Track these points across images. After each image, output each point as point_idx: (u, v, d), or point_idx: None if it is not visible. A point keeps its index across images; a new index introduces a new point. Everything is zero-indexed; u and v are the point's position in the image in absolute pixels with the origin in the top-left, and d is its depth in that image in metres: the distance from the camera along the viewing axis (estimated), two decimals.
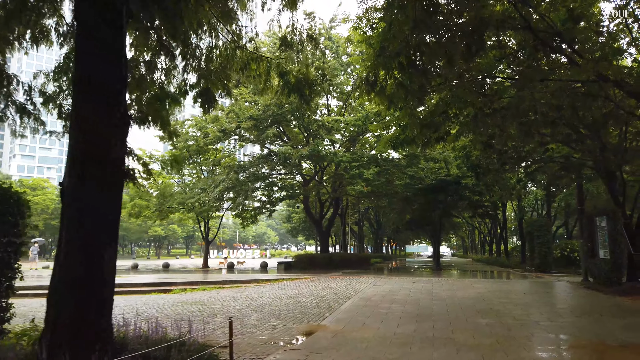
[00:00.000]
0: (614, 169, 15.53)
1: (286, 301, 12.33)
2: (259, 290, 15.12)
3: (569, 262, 28.18)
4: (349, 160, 22.30)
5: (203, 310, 10.80)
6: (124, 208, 30.10)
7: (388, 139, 10.54)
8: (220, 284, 17.54)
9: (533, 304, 11.47)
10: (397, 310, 10.49)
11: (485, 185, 17.37)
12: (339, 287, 15.92)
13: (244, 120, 21.40)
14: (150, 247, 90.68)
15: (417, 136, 9.58)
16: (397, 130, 9.67)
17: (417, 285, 16.40)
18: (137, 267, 30.06)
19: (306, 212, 29.62)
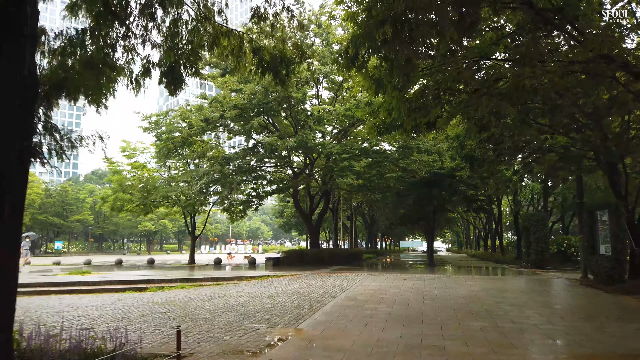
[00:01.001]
0: (616, 161, 14.70)
1: (265, 301, 11.44)
2: (240, 289, 14.22)
3: (565, 258, 27.46)
4: (338, 151, 21.36)
5: (172, 312, 9.89)
6: (105, 202, 29.12)
7: (374, 123, 9.61)
8: (201, 282, 16.63)
9: (531, 304, 10.63)
10: (384, 311, 9.62)
11: (481, 178, 16.55)
12: (326, 284, 15.04)
13: (228, 110, 20.39)
14: (143, 242, 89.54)
15: (406, 121, 8.68)
16: (383, 114, 8.77)
17: (407, 282, 15.55)
18: (121, 263, 29.06)
19: (295, 207, 28.69)
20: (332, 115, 23.54)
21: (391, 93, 7.86)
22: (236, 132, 24.66)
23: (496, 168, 15.34)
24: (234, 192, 22.18)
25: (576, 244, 27.27)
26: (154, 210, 28.49)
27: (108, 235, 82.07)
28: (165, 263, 31.79)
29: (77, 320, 8.94)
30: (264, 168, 27.42)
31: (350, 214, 42.11)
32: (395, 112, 7.93)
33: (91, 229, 76.43)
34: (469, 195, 27.15)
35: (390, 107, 8.36)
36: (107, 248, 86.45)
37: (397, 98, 7.73)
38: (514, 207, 30.94)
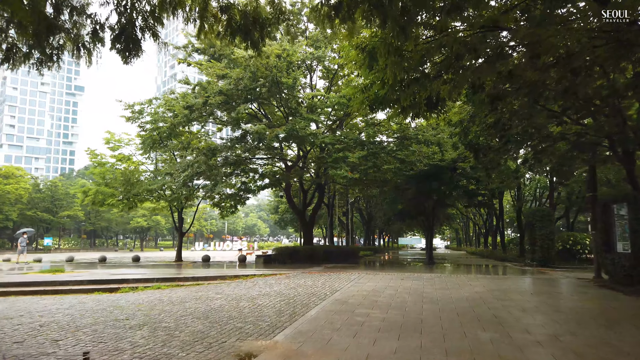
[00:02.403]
0: (636, 148, 13.36)
1: (244, 305, 10.10)
2: (220, 290, 12.88)
3: (570, 255, 26.19)
4: (331, 141, 19.99)
5: (132, 319, 8.54)
6: (87, 195, 27.71)
7: (365, 96, 8.21)
8: (180, 282, 15.29)
9: (544, 309, 9.30)
10: (377, 318, 8.29)
11: (485, 169, 15.25)
12: (315, 285, 13.72)
13: (212, 96, 18.99)
14: (136, 239, 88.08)
15: (403, 96, 7.35)
16: (376, 86, 7.41)
17: (405, 283, 14.22)
18: (105, 261, 27.69)
19: (288, 202, 27.32)
20: (326, 105, 22.14)
21: (386, 58, 6.50)
22: (224, 123, 23.23)
23: (502, 157, 14.01)
24: (220, 185, 20.78)
25: (583, 240, 25.99)
26: (138, 205, 27.09)
27: (101, 231, 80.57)
28: (152, 261, 30.43)
29: (13, 331, 7.59)
30: (255, 161, 26.05)
31: (346, 210, 40.73)
32: (389, 77, 6.56)
33: (83, 225, 74.96)
34: (471, 190, 25.79)
35: (384, 76, 6.99)
36: (100, 244, 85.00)
37: (393, 62, 6.37)
38: (517, 202, 29.60)
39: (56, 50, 7.86)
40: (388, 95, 7.69)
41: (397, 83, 7.11)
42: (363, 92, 8.53)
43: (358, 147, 20.92)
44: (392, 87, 7.35)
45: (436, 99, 10.03)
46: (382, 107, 8.15)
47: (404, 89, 7.34)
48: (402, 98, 7.55)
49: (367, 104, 8.10)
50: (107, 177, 26.43)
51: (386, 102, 7.96)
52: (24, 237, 27.66)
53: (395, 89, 7.38)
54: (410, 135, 21.85)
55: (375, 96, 7.84)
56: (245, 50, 7.57)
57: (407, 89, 7.29)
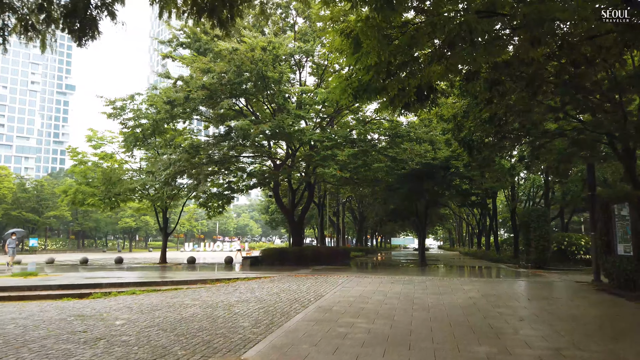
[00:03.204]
0: (637, 146, 12.70)
1: (219, 313, 9.29)
2: (197, 296, 12.06)
3: (564, 256, 25.61)
4: (320, 139, 19.19)
5: (92, 330, 7.72)
6: (66, 195, 26.73)
7: (347, 83, 7.37)
8: (157, 286, 14.43)
9: (544, 317, 8.58)
10: (362, 329, 7.52)
11: (479, 167, 14.55)
12: (300, 289, 12.92)
13: (194, 90, 18.12)
14: (126, 239, 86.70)
15: (390, 84, 6.58)
16: (360, 71, 6.61)
17: (395, 287, 13.46)
18: (87, 263, 26.71)
19: (276, 201, 26.48)
20: (315, 101, 21.32)
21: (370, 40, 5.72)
22: (210, 120, 22.32)
23: (498, 155, 13.31)
24: (203, 184, 19.91)
25: (578, 241, 25.40)
26: (121, 204, 26.15)
27: (89, 231, 79.16)
28: (136, 262, 29.47)
29: None
30: (242, 159, 25.20)
31: (336, 209, 39.94)
32: (372, 58, 5.80)
33: (71, 225, 73.57)
34: (464, 190, 25.12)
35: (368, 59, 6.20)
36: (89, 245, 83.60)
37: (377, 41, 5.59)
38: (511, 203, 28.97)
39: (1, 31, 7.01)
40: (373, 82, 6.89)
41: (382, 67, 6.34)
42: (347, 80, 7.73)
43: (348, 145, 20.13)
44: (377, 73, 6.56)
45: (427, 91, 9.29)
46: (367, 95, 7.35)
47: (390, 76, 6.57)
48: (389, 86, 6.77)
49: (350, 92, 7.29)
50: (89, 176, 25.47)
51: (371, 91, 7.16)
52: (12, 238, 26.30)
53: (381, 75, 6.60)
54: (401, 133, 21.10)
55: (359, 83, 7.03)
56: (211, 29, 6.87)
57: (394, 75, 6.52)
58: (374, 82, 6.89)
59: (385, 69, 6.42)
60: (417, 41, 6.06)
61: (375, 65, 6.31)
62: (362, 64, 6.44)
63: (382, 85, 7.00)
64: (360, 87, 7.09)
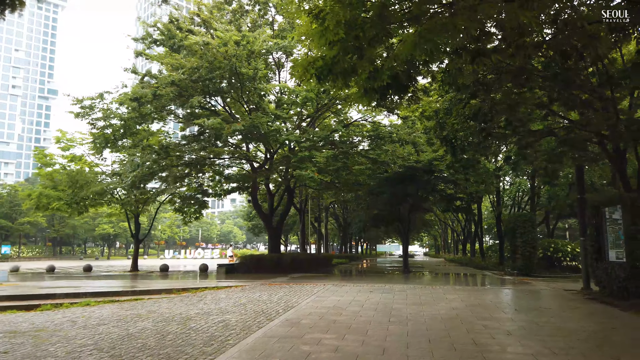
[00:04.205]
0: (628, 146, 12.00)
1: (172, 328, 8.23)
2: (156, 307, 10.96)
3: (550, 263, 25.00)
4: (297, 139, 18.24)
5: (16, 350, 6.67)
6: (30, 199, 25.33)
7: (309, 62, 6.38)
8: (117, 296, 13.29)
9: (534, 331, 7.70)
10: (329, 347, 6.56)
11: (463, 167, 13.75)
12: (270, 300, 11.90)
13: (161, 87, 17.03)
14: (105, 246, 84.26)
15: (359, 63, 5.69)
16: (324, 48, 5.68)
17: (374, 296, 12.52)
18: (54, 270, 25.28)
19: (254, 206, 25.40)
20: (294, 101, 20.35)
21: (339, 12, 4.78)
22: (179, 119, 21.16)
23: (483, 154, 12.51)
24: (171, 187, 18.78)
25: (564, 248, 24.82)
26: (90, 209, 24.82)
27: (67, 238, 76.73)
28: (106, 270, 28.06)
29: None
30: (219, 162, 24.12)
31: (317, 215, 38.94)
32: (331, 24, 4.91)
33: (49, 232, 71.22)
34: (448, 194, 24.35)
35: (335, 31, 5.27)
36: (67, 252, 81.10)
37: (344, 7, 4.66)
38: (496, 208, 28.31)
39: None
40: (339, 62, 5.96)
41: (349, 42, 5.44)
42: (310, 60, 6.74)
43: (327, 147, 19.20)
44: (344, 50, 5.64)
45: (406, 80, 8.42)
46: (333, 77, 6.39)
47: (360, 53, 5.66)
48: (359, 67, 5.87)
49: (313, 73, 6.34)
50: (57, 179, 24.13)
51: (338, 72, 6.22)
52: None
53: (349, 55, 5.68)
54: (383, 134, 20.26)
55: (323, 62, 6.10)
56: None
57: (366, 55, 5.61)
58: (341, 61, 5.96)
59: (352, 43, 5.50)
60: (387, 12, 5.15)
61: (341, 41, 5.41)
62: (326, 39, 5.53)
63: (351, 66, 6.09)
64: (325, 67, 6.14)
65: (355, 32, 5.35)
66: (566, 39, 9.19)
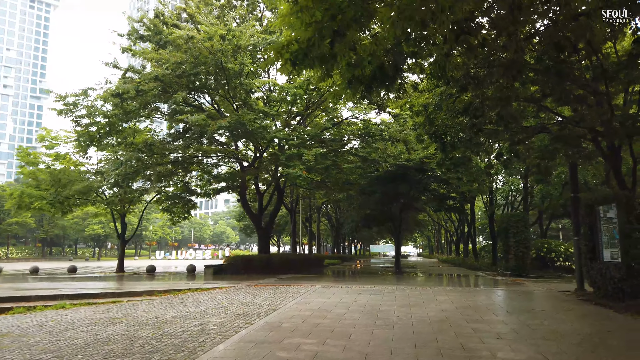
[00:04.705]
0: (622, 142, 11.66)
1: (143, 333, 7.76)
2: (132, 310, 10.47)
3: (543, 264, 24.71)
4: (285, 137, 17.79)
5: None
6: (11, 198, 24.71)
7: (282, 44, 5.86)
8: (95, 298, 12.79)
9: (526, 335, 7.31)
10: (308, 353, 6.13)
11: (454, 165, 13.39)
12: (254, 302, 11.45)
13: (144, 82, 16.51)
14: (96, 247, 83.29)
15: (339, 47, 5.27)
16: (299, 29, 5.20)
17: (361, 298, 12.09)
18: (37, 272, 24.68)
19: (242, 206, 24.92)
20: (283, 98, 19.89)
21: None
22: (164, 116, 20.61)
23: (474, 151, 12.14)
24: (155, 186, 18.27)
25: (557, 248, 24.54)
26: (74, 209, 24.24)
27: (58, 239, 75.73)
28: (91, 272, 27.44)
29: None
30: (207, 161, 23.62)
31: (308, 215, 38.48)
32: (317, 12, 4.49)
33: (38, 232, 70.23)
34: (441, 194, 23.99)
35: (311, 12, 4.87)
36: (57, 253, 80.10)
37: None
38: (489, 208, 27.99)
39: None
40: (314, 43, 5.53)
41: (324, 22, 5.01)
42: (285, 48, 6.26)
43: (316, 144, 18.75)
44: (320, 32, 5.21)
45: (393, 71, 8.01)
46: (309, 63, 5.94)
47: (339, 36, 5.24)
48: (338, 52, 5.45)
49: (288, 57, 5.90)
50: (40, 178, 23.54)
51: (315, 57, 5.79)
52: None
53: (326, 37, 5.23)
54: (374, 132, 19.86)
55: (299, 45, 5.65)
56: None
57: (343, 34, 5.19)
58: (317, 45, 5.52)
59: (328, 24, 5.06)
60: None
61: (317, 22, 5.00)
62: (302, 21, 5.09)
63: (329, 51, 5.65)
64: (300, 51, 5.71)
65: (332, 11, 4.95)
66: (559, 30, 8.82)
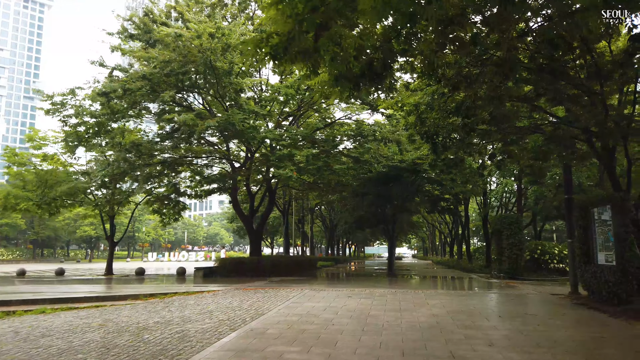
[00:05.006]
0: (617, 143, 11.46)
1: (120, 341, 7.44)
2: (114, 315, 10.14)
3: (537, 266, 24.53)
4: (275, 137, 17.50)
5: None
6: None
7: (261, 37, 5.47)
8: (77, 302, 12.44)
9: (519, 342, 7.05)
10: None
11: (446, 166, 13.15)
12: (240, 306, 11.14)
13: (131, 81, 16.15)
14: (88, 249, 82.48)
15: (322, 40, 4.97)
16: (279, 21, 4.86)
17: (351, 302, 11.81)
18: (24, 274, 24.24)
19: (234, 207, 24.58)
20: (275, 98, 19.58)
21: None
22: (153, 115, 20.24)
23: (466, 151, 11.90)
24: (142, 187, 17.91)
25: (551, 250, 24.38)
26: (61, 210, 23.82)
27: (50, 240, 74.92)
28: (79, 274, 26.97)
29: None
30: (197, 162, 23.28)
31: (301, 217, 38.17)
32: (299, 4, 4.21)
33: (29, 234, 69.44)
34: (434, 195, 23.76)
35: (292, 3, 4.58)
36: (49, 255, 79.31)
37: None
38: (483, 209, 27.81)
39: None
40: (294, 36, 5.21)
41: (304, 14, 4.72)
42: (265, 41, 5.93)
43: (308, 145, 18.46)
44: (299, 22, 4.91)
45: (381, 69, 7.76)
46: (290, 58, 5.62)
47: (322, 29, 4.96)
48: (321, 46, 5.16)
49: (268, 51, 5.56)
50: (27, 179, 23.11)
51: (296, 52, 5.48)
52: None
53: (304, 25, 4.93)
54: (366, 132, 19.61)
55: (279, 39, 5.35)
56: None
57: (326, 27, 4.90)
58: (297, 38, 5.23)
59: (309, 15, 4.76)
60: None
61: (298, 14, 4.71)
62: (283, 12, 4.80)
63: (312, 44, 5.35)
64: (280, 45, 5.40)
65: (314, 2, 4.68)
66: (554, 27, 8.60)
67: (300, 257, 33.08)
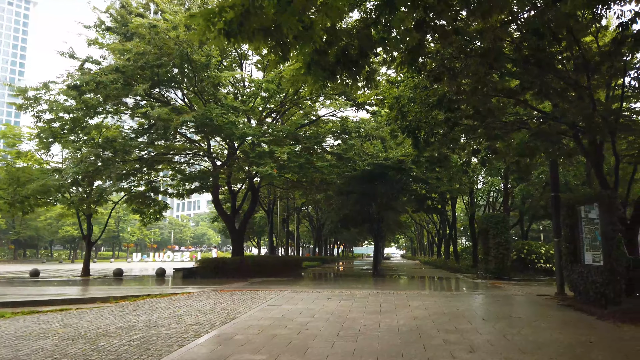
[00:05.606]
0: (605, 139, 11.10)
1: (72, 349, 6.85)
2: (76, 320, 9.52)
3: (524, 265, 24.25)
4: (255, 133, 16.95)
5: None
6: None
7: (213, 11, 4.83)
8: (41, 306, 11.77)
9: (502, 348, 6.59)
10: None
11: (430, 163, 12.72)
12: (214, 309, 10.58)
13: (103, 73, 15.45)
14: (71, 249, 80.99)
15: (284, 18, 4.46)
16: None
17: (330, 304, 11.30)
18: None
19: (215, 206, 23.95)
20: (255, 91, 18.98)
21: None
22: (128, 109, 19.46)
23: (449, 146, 11.46)
24: (114, 184, 17.23)
25: (538, 250, 24.10)
26: (35, 209, 23.00)
27: (32, 240, 73.31)
28: (55, 275, 26.13)
29: None
30: (178, 159, 22.62)
31: (285, 216, 37.61)
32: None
33: (10, 234, 67.89)
34: (421, 194, 23.37)
35: None
36: (32, 255, 77.68)
37: None
38: (470, 208, 27.50)
39: None
40: (253, 15, 4.62)
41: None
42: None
43: (289, 142, 17.92)
44: None
45: (357, 57, 7.27)
46: (247, 36, 5.03)
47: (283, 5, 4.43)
48: (282, 22, 4.60)
49: (221, 27, 4.98)
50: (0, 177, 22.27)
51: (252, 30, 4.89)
52: None
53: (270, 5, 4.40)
54: (350, 128, 19.12)
55: (234, 13, 4.76)
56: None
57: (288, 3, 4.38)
58: (257, 14, 4.67)
59: None
60: None
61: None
62: None
63: (271, 19, 4.78)
64: (235, 20, 4.84)
65: None
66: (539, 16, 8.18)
67: (285, 257, 32.50)
